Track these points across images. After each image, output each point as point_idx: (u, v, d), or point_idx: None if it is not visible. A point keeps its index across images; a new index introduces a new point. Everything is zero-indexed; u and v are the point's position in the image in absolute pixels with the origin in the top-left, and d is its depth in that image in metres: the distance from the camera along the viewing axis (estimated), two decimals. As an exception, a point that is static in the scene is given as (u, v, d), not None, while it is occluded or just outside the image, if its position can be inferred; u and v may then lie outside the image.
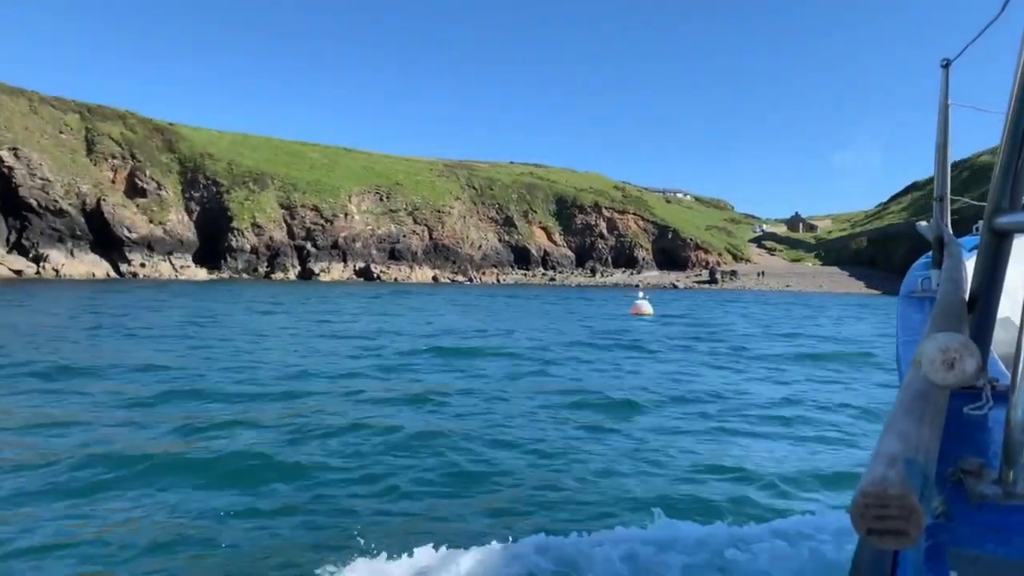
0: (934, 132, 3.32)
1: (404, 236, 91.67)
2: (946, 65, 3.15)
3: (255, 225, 79.92)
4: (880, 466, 0.89)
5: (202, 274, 69.58)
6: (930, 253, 3.63)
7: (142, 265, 67.64)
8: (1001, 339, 2.05)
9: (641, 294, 63.38)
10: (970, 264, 2.18)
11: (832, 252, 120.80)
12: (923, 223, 4.17)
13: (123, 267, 67.11)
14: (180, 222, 78.49)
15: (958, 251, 2.78)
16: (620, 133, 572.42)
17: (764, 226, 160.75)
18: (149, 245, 69.50)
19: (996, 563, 0.97)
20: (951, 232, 3.30)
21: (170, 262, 68.69)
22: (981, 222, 3.91)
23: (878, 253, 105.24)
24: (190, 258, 71.85)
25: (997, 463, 1.17)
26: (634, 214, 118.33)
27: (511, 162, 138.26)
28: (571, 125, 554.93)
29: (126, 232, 68.43)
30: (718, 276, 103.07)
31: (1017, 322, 1.12)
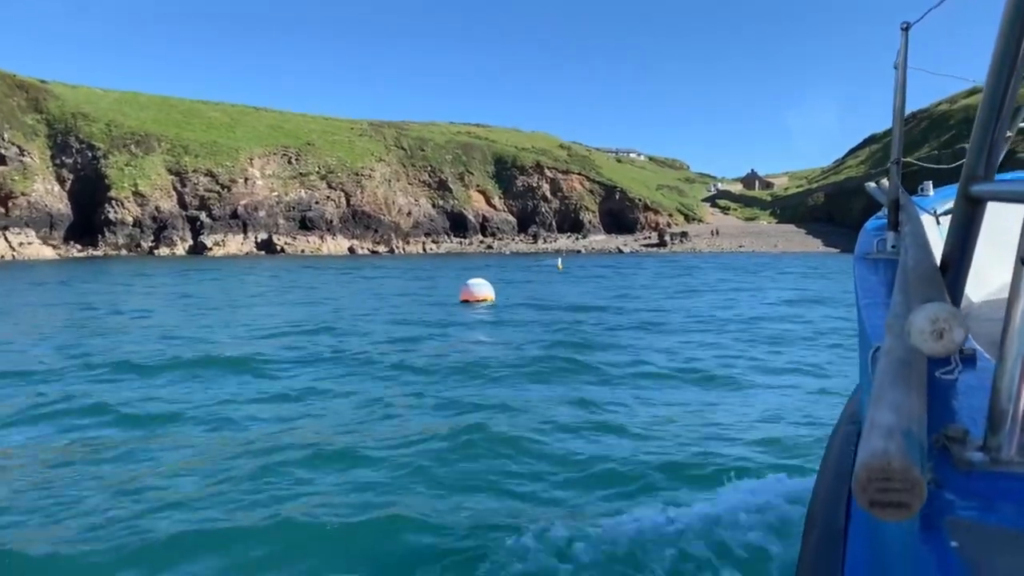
0: (890, 92, 3.32)
1: (317, 203, 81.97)
2: (906, 28, 3.10)
3: (137, 194, 69.89)
4: (879, 438, 0.88)
5: (47, 252, 59.22)
6: (882, 214, 3.68)
7: (-36, 244, 56.75)
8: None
9: (560, 261, 54.94)
10: (928, 227, 2.13)
11: (788, 209, 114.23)
12: (872, 184, 4.20)
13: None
14: (49, 192, 68.28)
15: (917, 214, 2.76)
16: (573, 94, 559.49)
17: (719, 185, 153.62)
18: (-23, 220, 58.89)
19: (992, 531, 0.97)
20: (908, 195, 3.25)
21: (5, 239, 57.98)
22: (926, 183, 3.87)
23: (835, 208, 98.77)
24: (33, 234, 61.31)
25: (976, 429, 1.16)
26: (579, 174, 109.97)
27: (451, 123, 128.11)
28: (520, 86, 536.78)
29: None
30: (667, 238, 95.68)
31: (973, 297, 1.27)
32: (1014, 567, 0.87)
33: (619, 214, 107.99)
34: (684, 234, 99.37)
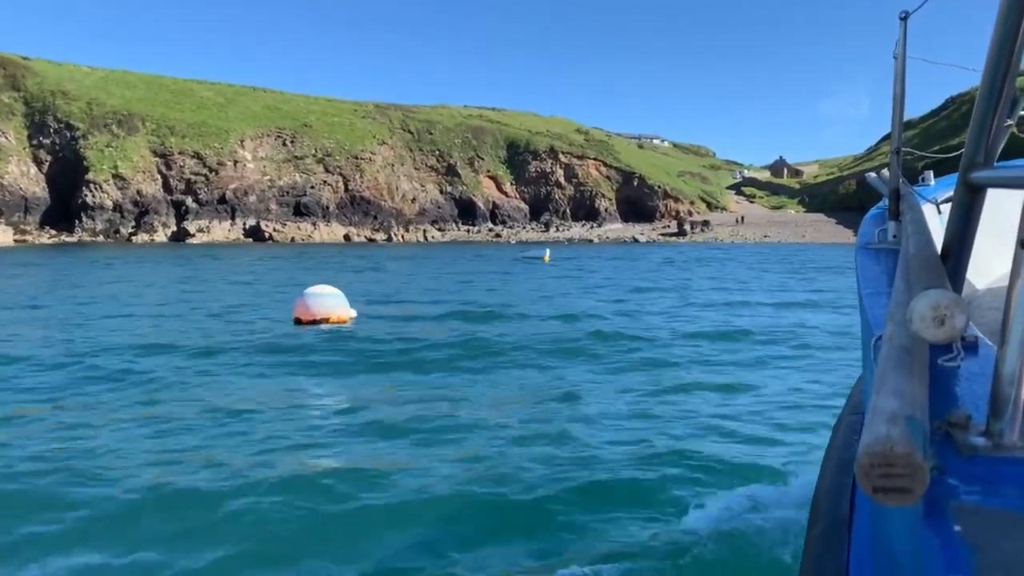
0: (913, 82, 3.25)
1: (312, 188, 77.18)
2: (904, 17, 3.09)
3: (117, 177, 65.70)
4: (882, 424, 0.88)
5: (1, 237, 54.94)
6: (883, 204, 3.71)
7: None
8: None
9: (548, 251, 48.19)
10: (929, 216, 2.13)
11: (817, 198, 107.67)
12: (872, 174, 4.28)
13: None
14: (25, 175, 64.43)
15: (918, 204, 2.79)
16: (597, 80, 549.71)
17: (746, 172, 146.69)
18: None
19: (995, 515, 0.97)
20: (908, 184, 3.27)
21: (-50, 226, 53.97)
22: (926, 173, 3.99)
23: (867, 197, 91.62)
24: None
25: (978, 415, 1.16)
26: (595, 159, 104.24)
27: (465, 106, 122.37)
28: (542, 72, 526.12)
29: None
30: (687, 227, 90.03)
31: (975, 286, 1.36)
32: (1018, 550, 0.87)
33: (637, 201, 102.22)
34: (706, 223, 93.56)
